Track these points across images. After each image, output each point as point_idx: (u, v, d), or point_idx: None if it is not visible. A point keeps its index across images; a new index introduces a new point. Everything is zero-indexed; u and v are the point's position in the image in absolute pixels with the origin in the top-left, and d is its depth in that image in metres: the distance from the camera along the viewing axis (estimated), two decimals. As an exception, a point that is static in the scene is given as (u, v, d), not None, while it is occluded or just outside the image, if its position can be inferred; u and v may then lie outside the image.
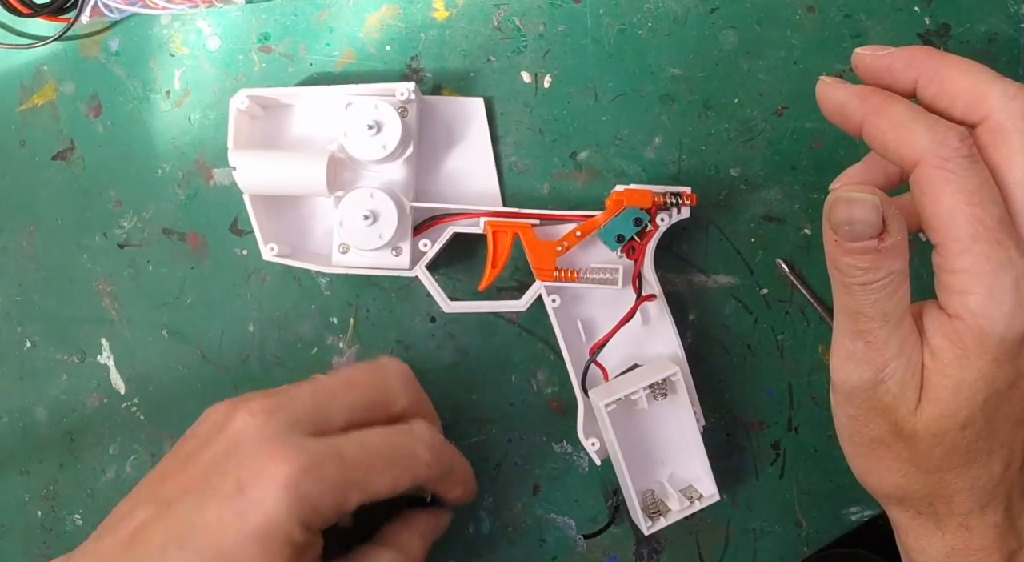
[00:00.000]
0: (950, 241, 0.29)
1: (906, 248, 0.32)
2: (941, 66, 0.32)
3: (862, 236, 0.31)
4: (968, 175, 0.29)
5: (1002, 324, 0.29)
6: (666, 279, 0.42)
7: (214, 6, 0.43)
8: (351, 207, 0.39)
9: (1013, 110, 0.30)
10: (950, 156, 0.29)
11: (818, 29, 0.43)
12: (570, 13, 0.43)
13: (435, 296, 0.41)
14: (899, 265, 0.31)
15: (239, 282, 0.44)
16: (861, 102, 0.32)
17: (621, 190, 0.40)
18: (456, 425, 0.43)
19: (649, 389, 0.39)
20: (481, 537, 0.43)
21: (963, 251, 0.29)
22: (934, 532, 0.33)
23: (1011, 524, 0.32)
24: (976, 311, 0.29)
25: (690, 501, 0.40)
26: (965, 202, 0.29)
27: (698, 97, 0.43)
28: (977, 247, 0.29)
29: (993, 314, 0.29)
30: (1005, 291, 0.29)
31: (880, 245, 0.30)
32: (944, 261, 0.30)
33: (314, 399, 0.35)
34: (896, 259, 0.31)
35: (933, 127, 0.30)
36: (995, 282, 0.29)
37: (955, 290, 0.30)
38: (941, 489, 0.32)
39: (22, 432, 0.45)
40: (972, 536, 0.32)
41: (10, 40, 0.44)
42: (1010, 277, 0.29)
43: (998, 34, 0.44)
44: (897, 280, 0.31)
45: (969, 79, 0.31)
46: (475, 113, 0.43)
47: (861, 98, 0.32)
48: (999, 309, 0.29)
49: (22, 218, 0.44)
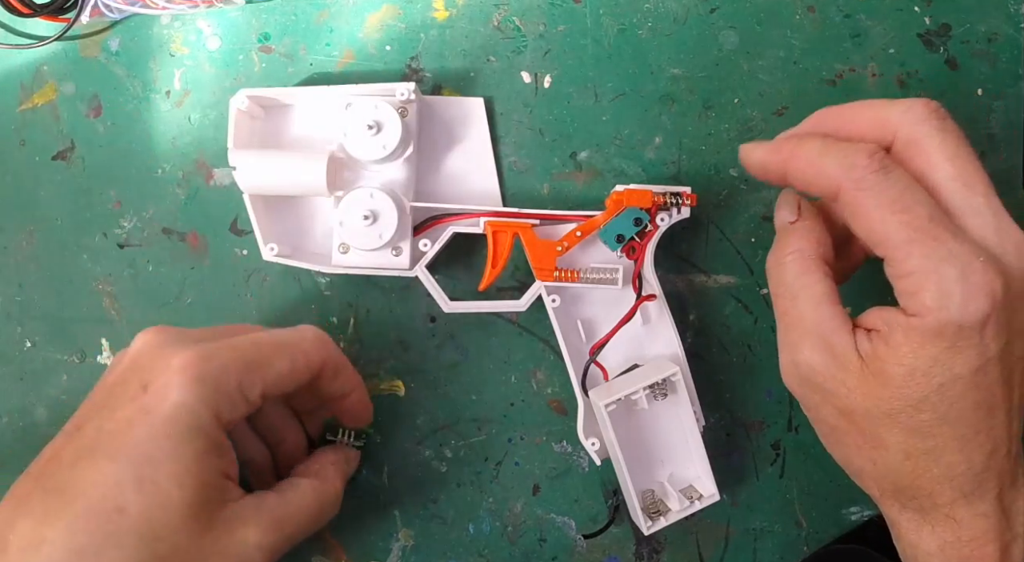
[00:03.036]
0: (891, 250, 0.31)
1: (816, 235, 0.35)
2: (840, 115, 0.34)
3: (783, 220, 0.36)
4: (885, 185, 0.31)
5: (957, 312, 0.30)
6: (666, 279, 0.42)
7: (214, 6, 0.43)
8: (351, 207, 0.39)
9: (914, 118, 0.32)
10: (862, 175, 0.31)
11: (818, 29, 0.43)
12: (570, 13, 0.43)
13: (435, 296, 0.41)
14: (804, 245, 0.35)
15: (239, 282, 0.44)
16: (776, 154, 0.34)
17: (621, 190, 0.40)
18: (456, 425, 0.44)
19: (649, 389, 0.39)
20: (481, 537, 0.44)
21: (905, 256, 0.31)
22: (923, 526, 0.33)
23: (1003, 513, 0.32)
24: (931, 305, 0.30)
25: (690, 501, 0.40)
26: (890, 211, 0.31)
27: (698, 97, 0.43)
28: (916, 249, 0.30)
29: (947, 305, 0.30)
30: (952, 281, 0.30)
31: (791, 226, 0.35)
32: (893, 271, 0.32)
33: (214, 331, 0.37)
34: (802, 239, 0.35)
35: (841, 153, 0.32)
36: (941, 276, 0.30)
37: (909, 292, 0.31)
38: (917, 478, 0.32)
39: (22, 432, 0.45)
40: (961, 527, 0.32)
41: (10, 40, 0.44)
42: (954, 268, 0.30)
43: (998, 34, 0.44)
44: (807, 260, 0.34)
45: (868, 111, 0.34)
46: (475, 113, 0.43)
47: (774, 151, 0.34)
48: (951, 299, 0.30)
49: (22, 218, 0.44)
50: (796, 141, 0.34)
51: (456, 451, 0.44)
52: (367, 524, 0.43)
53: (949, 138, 0.32)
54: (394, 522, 0.43)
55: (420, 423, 0.44)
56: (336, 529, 0.43)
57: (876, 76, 0.43)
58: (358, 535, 0.43)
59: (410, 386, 0.44)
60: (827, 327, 0.33)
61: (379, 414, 0.43)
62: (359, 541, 0.43)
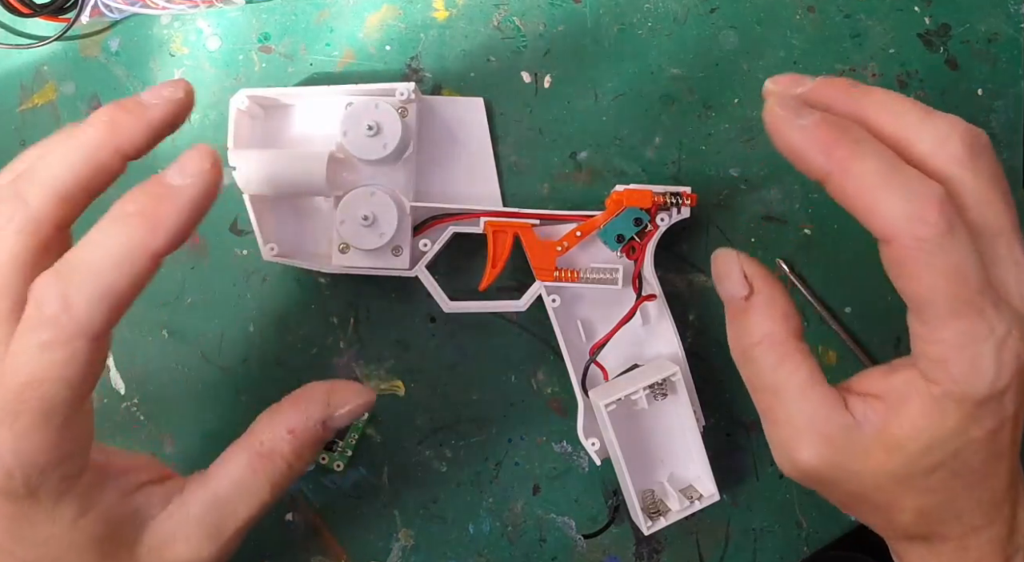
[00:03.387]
0: (931, 316, 0.28)
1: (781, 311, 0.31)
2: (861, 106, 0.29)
3: (734, 295, 0.31)
4: (948, 253, 0.27)
5: (985, 390, 0.28)
6: (666, 279, 0.42)
7: (214, 6, 0.43)
8: (351, 207, 0.39)
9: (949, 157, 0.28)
10: (927, 236, 0.26)
11: (818, 29, 0.43)
12: (570, 13, 0.43)
13: (435, 296, 0.41)
14: (773, 328, 0.31)
15: (239, 282, 0.44)
16: (824, 156, 0.27)
17: (621, 190, 0.40)
18: (456, 425, 0.44)
19: (649, 389, 0.39)
20: (481, 537, 0.44)
21: (942, 327, 0.28)
22: (928, 555, 0.32)
23: (1010, 534, 0.32)
24: (958, 379, 0.28)
25: (690, 501, 0.40)
26: (944, 281, 0.27)
27: (698, 97, 0.43)
28: (957, 324, 0.27)
29: (975, 382, 0.28)
30: (987, 358, 0.28)
31: (749, 303, 0.31)
32: (922, 331, 0.29)
33: None
34: (767, 320, 0.31)
35: (909, 196, 0.26)
36: (977, 354, 0.28)
37: (935, 359, 0.28)
38: (930, 524, 0.31)
39: (22, 432, 0.45)
40: (969, 554, 0.32)
41: (10, 40, 0.44)
42: (991, 345, 0.27)
43: (998, 34, 0.44)
44: (778, 346, 0.30)
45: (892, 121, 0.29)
46: (475, 113, 0.43)
47: (824, 150, 0.27)
48: (983, 377, 0.28)
49: (22, 218, 0.44)
50: (852, 150, 0.27)
51: (456, 451, 0.44)
52: (367, 524, 0.43)
53: (984, 181, 0.28)
54: (394, 522, 0.43)
55: (420, 423, 0.44)
56: (336, 529, 0.43)
57: (876, 76, 0.43)
58: (358, 535, 0.43)
59: (410, 386, 0.44)
60: (821, 419, 0.30)
61: (379, 414, 0.43)
62: (359, 541, 0.43)
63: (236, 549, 0.32)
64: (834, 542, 0.44)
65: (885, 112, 0.29)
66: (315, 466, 0.43)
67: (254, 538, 0.43)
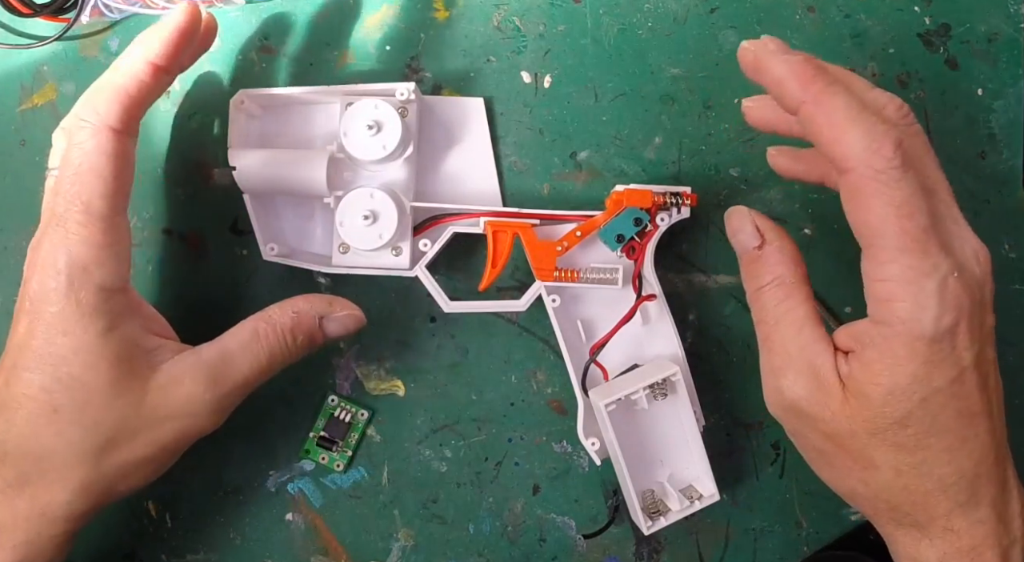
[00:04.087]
0: (877, 249, 0.30)
1: (790, 257, 0.35)
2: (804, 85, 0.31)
3: (747, 246, 0.35)
4: (899, 186, 0.29)
5: (930, 327, 0.30)
6: (666, 279, 0.42)
7: (214, 6, 0.43)
8: (351, 207, 0.39)
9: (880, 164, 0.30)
10: (883, 168, 0.29)
11: (818, 29, 0.43)
12: (570, 13, 0.43)
13: (435, 296, 0.41)
14: (782, 271, 0.35)
15: (239, 282, 0.44)
16: (801, 87, 0.31)
17: (621, 190, 0.40)
18: (456, 425, 0.43)
19: (649, 389, 0.39)
20: (481, 537, 0.44)
21: (889, 261, 0.30)
22: (921, 540, 0.33)
23: (999, 518, 0.32)
24: (904, 317, 0.30)
25: (690, 501, 0.40)
26: (894, 214, 0.30)
27: (698, 97, 0.43)
28: (904, 258, 0.30)
29: (920, 318, 0.30)
30: (930, 296, 0.30)
31: (761, 252, 0.35)
32: (871, 269, 0.31)
33: None
34: (778, 265, 0.35)
35: (869, 132, 0.29)
36: (920, 289, 0.30)
37: (882, 298, 0.31)
38: (911, 495, 0.32)
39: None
40: (960, 537, 0.32)
41: (10, 40, 0.44)
42: (934, 282, 0.30)
43: (998, 34, 0.44)
44: (787, 286, 0.34)
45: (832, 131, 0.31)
46: (475, 113, 0.43)
47: (802, 82, 0.31)
48: (926, 313, 0.30)
49: (22, 218, 0.44)
50: (827, 84, 0.30)
51: (456, 451, 0.44)
52: (367, 524, 0.43)
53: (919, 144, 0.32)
54: (394, 522, 0.43)
55: (420, 423, 0.44)
56: (336, 529, 0.43)
57: (876, 76, 0.43)
58: (358, 535, 0.43)
59: (410, 386, 0.44)
60: (811, 352, 0.33)
61: (379, 414, 0.43)
62: (359, 541, 0.43)
63: (229, 410, 0.37)
64: (833, 543, 0.44)
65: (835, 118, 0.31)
66: (315, 466, 0.43)
67: (254, 538, 0.43)
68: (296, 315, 0.37)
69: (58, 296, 0.33)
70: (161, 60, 0.36)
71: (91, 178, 0.34)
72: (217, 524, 0.43)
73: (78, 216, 0.34)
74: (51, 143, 0.44)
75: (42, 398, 0.34)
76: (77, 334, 0.34)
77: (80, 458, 0.34)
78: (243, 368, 0.36)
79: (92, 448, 0.34)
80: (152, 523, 0.43)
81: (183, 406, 0.35)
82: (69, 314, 0.33)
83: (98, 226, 0.34)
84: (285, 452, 0.43)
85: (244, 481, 0.43)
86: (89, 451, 0.34)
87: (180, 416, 0.35)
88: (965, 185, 0.44)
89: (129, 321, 0.35)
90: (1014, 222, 0.44)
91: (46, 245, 0.34)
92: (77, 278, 0.34)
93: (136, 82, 0.35)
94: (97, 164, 0.34)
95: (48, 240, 0.34)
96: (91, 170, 0.34)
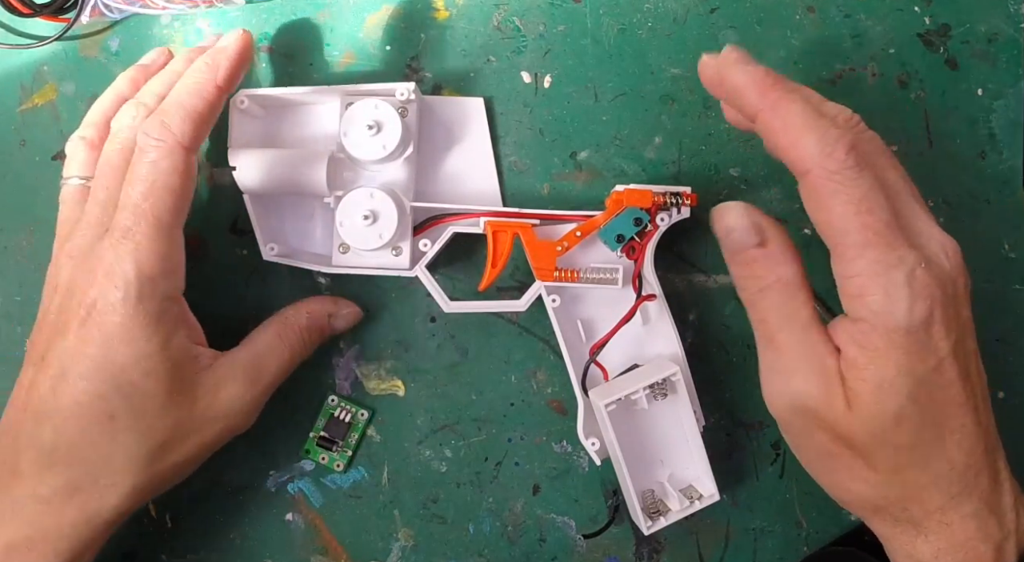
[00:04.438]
0: (843, 247, 0.31)
1: (792, 255, 0.34)
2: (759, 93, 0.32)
3: (745, 244, 0.34)
4: (855, 185, 0.31)
5: (904, 317, 0.30)
6: (666, 279, 0.42)
7: (214, 6, 0.43)
8: (351, 207, 0.39)
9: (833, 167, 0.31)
10: (837, 168, 0.31)
11: (818, 29, 0.43)
12: (570, 13, 0.43)
13: (435, 296, 0.41)
14: (786, 270, 0.34)
15: (239, 282, 0.44)
16: (759, 95, 0.32)
17: (621, 190, 0.40)
18: (456, 425, 0.44)
19: (649, 389, 0.39)
20: (481, 537, 0.44)
21: (856, 257, 0.31)
22: (917, 536, 0.33)
23: (990, 511, 0.33)
24: (877, 310, 0.31)
25: (690, 501, 0.40)
26: (854, 211, 0.31)
27: (698, 97, 0.43)
28: (869, 253, 0.31)
29: (893, 310, 0.30)
30: (899, 287, 0.30)
31: (762, 251, 0.34)
32: (840, 267, 0.32)
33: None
34: (781, 264, 0.34)
35: (823, 137, 0.31)
36: (889, 281, 0.30)
37: (854, 294, 0.31)
38: (908, 490, 0.32)
39: (22, 432, 0.44)
40: (954, 531, 0.32)
41: (10, 40, 0.44)
42: (902, 273, 0.30)
43: (998, 34, 0.44)
44: (791, 286, 0.34)
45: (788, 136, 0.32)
46: (475, 113, 0.43)
47: (760, 90, 0.32)
48: (898, 304, 0.30)
49: (22, 218, 0.44)
50: (784, 92, 0.32)
51: (456, 451, 0.44)
52: (367, 524, 0.43)
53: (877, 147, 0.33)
54: (394, 522, 0.43)
55: (420, 423, 0.44)
56: (336, 529, 0.43)
57: (876, 76, 0.43)
58: (358, 535, 0.43)
59: (410, 386, 0.44)
60: (820, 352, 0.33)
61: (379, 414, 0.43)
62: (359, 541, 0.43)
63: (262, 407, 0.39)
64: (832, 543, 0.44)
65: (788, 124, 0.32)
66: (315, 466, 0.43)
67: (254, 538, 0.43)
68: (309, 315, 0.41)
69: (126, 307, 0.34)
70: (226, 83, 0.38)
71: (164, 194, 0.35)
72: (217, 524, 0.43)
73: (148, 230, 0.35)
74: (54, 146, 0.44)
75: (98, 406, 0.34)
76: (140, 344, 0.34)
77: (134, 464, 0.35)
78: (272, 367, 0.39)
79: (146, 454, 0.35)
80: (152, 523, 0.43)
81: (227, 407, 0.37)
82: (135, 324, 0.34)
83: (166, 239, 0.35)
84: (285, 452, 0.43)
85: (244, 481, 0.43)
86: (143, 457, 0.35)
87: (225, 416, 0.37)
88: (965, 185, 0.44)
89: (182, 330, 0.36)
90: (1014, 222, 0.44)
91: (109, 256, 0.34)
92: (146, 290, 0.34)
93: (206, 104, 0.37)
94: (170, 182, 0.35)
95: (112, 251, 0.35)
96: (165, 187, 0.35)
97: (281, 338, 0.40)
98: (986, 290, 0.43)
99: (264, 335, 0.40)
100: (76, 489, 0.34)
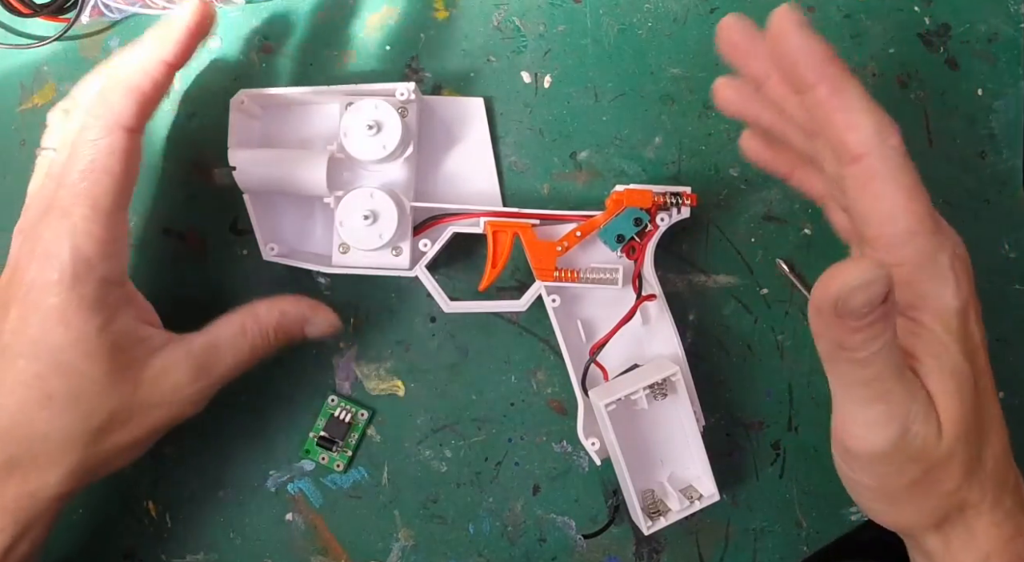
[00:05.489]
0: (890, 236, 0.31)
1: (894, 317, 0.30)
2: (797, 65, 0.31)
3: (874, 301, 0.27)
4: (908, 172, 0.31)
5: (953, 299, 0.31)
6: (666, 279, 0.42)
7: (214, 6, 0.43)
8: (351, 207, 0.39)
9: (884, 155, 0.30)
10: (892, 155, 0.30)
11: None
12: (570, 13, 0.43)
13: (435, 296, 0.41)
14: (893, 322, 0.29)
15: (239, 282, 0.44)
16: (819, 67, 0.30)
17: (621, 190, 0.40)
18: (456, 425, 0.44)
19: (649, 389, 0.39)
20: (481, 537, 0.44)
21: (903, 244, 0.31)
22: (969, 542, 0.32)
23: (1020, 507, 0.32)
24: (927, 294, 0.31)
25: (690, 501, 0.40)
26: (906, 198, 0.30)
27: (698, 97, 0.43)
28: (917, 240, 0.30)
29: (942, 294, 0.31)
30: (946, 269, 0.31)
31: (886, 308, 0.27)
32: (882, 254, 0.31)
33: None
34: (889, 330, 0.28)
35: (881, 121, 0.30)
36: (936, 264, 0.31)
37: (901, 284, 0.30)
38: (966, 495, 0.31)
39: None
40: (1001, 530, 0.32)
41: (10, 40, 0.44)
42: (946, 257, 0.31)
43: (998, 34, 0.44)
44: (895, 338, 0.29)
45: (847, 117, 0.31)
46: (475, 113, 0.43)
47: (821, 63, 0.30)
48: (946, 288, 0.31)
49: (22, 218, 0.44)
50: (843, 70, 0.31)
51: (456, 451, 0.44)
52: (367, 524, 0.43)
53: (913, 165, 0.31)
54: (394, 522, 0.43)
55: (420, 423, 0.44)
56: (336, 529, 0.43)
57: (876, 76, 0.43)
58: (358, 535, 0.43)
59: (410, 386, 0.44)
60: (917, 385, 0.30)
61: (379, 414, 0.43)
62: (359, 541, 0.43)
63: (211, 397, 0.38)
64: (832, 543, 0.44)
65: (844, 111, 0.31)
66: (315, 466, 0.43)
67: (254, 538, 0.43)
68: (282, 315, 0.39)
69: (61, 288, 0.34)
70: (174, 58, 0.36)
71: (102, 175, 0.34)
72: (217, 524, 0.43)
73: (85, 211, 0.34)
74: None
75: (36, 385, 0.34)
76: (77, 326, 0.34)
77: (72, 443, 0.35)
78: (228, 361, 0.38)
79: (84, 434, 0.35)
80: (152, 523, 0.43)
81: (172, 395, 0.36)
82: (70, 306, 0.34)
83: (104, 222, 0.34)
84: (285, 452, 0.43)
85: (244, 481, 0.43)
86: (81, 437, 0.35)
87: (168, 403, 0.36)
88: (965, 185, 0.44)
89: (125, 313, 0.36)
90: (1014, 222, 0.44)
91: (47, 235, 0.34)
92: (81, 272, 0.34)
93: (151, 81, 0.35)
94: (108, 162, 0.34)
95: (50, 231, 0.34)
96: (103, 168, 0.34)
97: (245, 333, 0.38)
98: (986, 290, 0.43)
99: (227, 326, 0.38)
100: (15, 465, 0.34)
